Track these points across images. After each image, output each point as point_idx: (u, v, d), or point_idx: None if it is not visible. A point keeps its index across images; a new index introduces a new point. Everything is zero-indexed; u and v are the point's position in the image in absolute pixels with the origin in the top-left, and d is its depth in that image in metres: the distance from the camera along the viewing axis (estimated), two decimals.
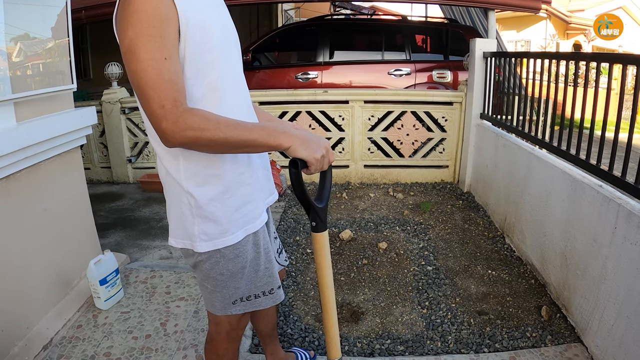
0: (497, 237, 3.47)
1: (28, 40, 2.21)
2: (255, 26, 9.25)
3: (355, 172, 4.84)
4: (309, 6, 10.58)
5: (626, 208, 1.99)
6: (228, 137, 1.09)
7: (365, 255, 3.21)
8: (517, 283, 2.83)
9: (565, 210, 2.54)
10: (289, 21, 9.96)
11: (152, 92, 1.04)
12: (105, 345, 2.23)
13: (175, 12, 1.07)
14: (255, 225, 1.35)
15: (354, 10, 11.32)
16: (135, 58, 1.04)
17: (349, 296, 2.73)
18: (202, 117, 1.07)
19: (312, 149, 1.18)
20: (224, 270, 1.32)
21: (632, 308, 1.91)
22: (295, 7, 10.94)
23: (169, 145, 1.09)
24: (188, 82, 1.14)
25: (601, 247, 2.17)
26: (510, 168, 3.43)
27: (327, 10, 10.59)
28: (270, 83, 5.47)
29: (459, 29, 5.69)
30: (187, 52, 1.12)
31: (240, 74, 1.35)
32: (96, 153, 5.16)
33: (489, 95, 4.08)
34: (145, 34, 1.03)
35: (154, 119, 1.05)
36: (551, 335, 2.33)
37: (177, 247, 1.34)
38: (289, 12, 10.66)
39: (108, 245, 3.38)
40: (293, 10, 10.95)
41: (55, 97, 2.43)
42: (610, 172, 2.24)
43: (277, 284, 1.46)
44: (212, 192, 1.25)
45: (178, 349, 2.21)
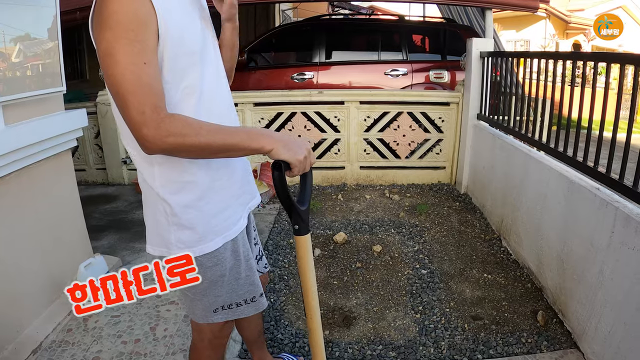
0: (494, 239, 3.42)
1: (17, 42, 2.18)
2: (252, 26, 9.20)
3: (351, 173, 4.79)
4: (306, 6, 10.52)
5: (624, 212, 1.95)
6: (210, 142, 1.07)
7: (359, 258, 3.16)
8: (513, 287, 2.78)
9: (561, 213, 2.49)
10: (285, 21, 9.91)
11: (132, 98, 1.01)
12: (95, 350, 2.21)
13: (155, 15, 1.05)
14: (234, 231, 1.33)
15: (352, 10, 11.28)
16: (114, 62, 1.01)
17: (341, 300, 2.68)
18: (183, 122, 1.05)
19: (294, 150, 1.15)
20: (203, 278, 1.28)
21: (629, 314, 1.86)
22: (293, 8, 10.89)
23: (150, 152, 1.06)
24: (166, 85, 1.11)
25: (598, 251, 2.12)
26: (507, 169, 3.38)
27: (325, 10, 10.54)
28: (265, 84, 5.42)
29: (456, 28, 5.63)
30: (165, 56, 1.10)
31: (220, 77, 1.33)
32: (91, 154, 5.12)
33: (486, 96, 4.03)
34: (123, 37, 1.00)
35: (133, 126, 1.03)
36: (547, 341, 2.28)
37: (155, 255, 1.32)
38: (287, 12, 10.61)
39: (101, 247, 3.35)
40: (291, 11, 10.90)
41: (45, 99, 2.40)
42: (607, 174, 2.19)
43: (259, 291, 1.44)
44: (187, 199, 1.23)
45: (167, 353, 2.19)
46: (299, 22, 7.34)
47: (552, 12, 15.88)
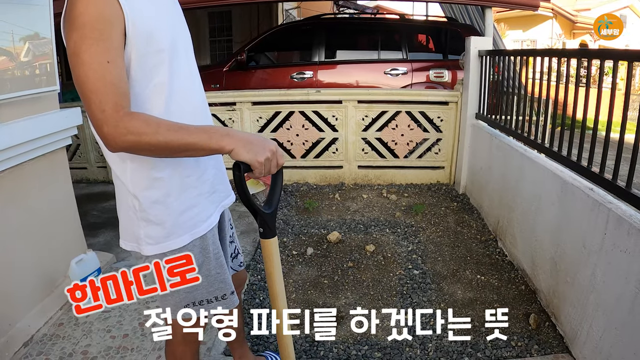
0: (490, 240, 3.37)
1: (11, 41, 2.19)
2: (255, 25, 9.18)
3: (349, 172, 4.74)
4: (310, 6, 10.46)
5: (616, 213, 1.89)
6: (168, 141, 1.07)
7: (352, 257, 3.12)
8: (506, 289, 2.73)
9: (555, 214, 2.44)
10: (289, 20, 9.88)
11: (94, 97, 1.03)
12: (84, 344, 2.26)
13: (122, 14, 1.06)
14: (203, 228, 1.32)
15: (357, 10, 11.23)
16: (79, 61, 1.03)
17: (330, 299, 2.64)
18: (142, 121, 1.06)
19: (254, 151, 1.13)
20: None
21: (620, 320, 1.81)
22: (297, 7, 10.85)
23: (112, 150, 1.08)
24: (133, 84, 1.12)
25: (590, 253, 2.07)
26: (504, 169, 3.32)
27: (329, 9, 10.48)
28: (265, 83, 5.41)
29: (457, 27, 5.58)
30: (132, 54, 1.11)
31: (193, 75, 1.32)
32: (92, 152, 5.12)
33: (484, 95, 3.98)
34: (89, 37, 1.02)
35: (95, 124, 1.04)
36: (538, 344, 2.23)
37: (127, 250, 1.34)
38: (290, 11, 10.57)
39: (97, 244, 3.37)
40: (295, 10, 10.86)
41: (39, 98, 2.44)
42: (601, 174, 2.14)
43: (230, 289, 1.44)
44: (156, 195, 1.23)
45: (153, 349, 2.22)
46: (299, 22, 7.32)
47: (559, 11, 15.80)
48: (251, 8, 9.01)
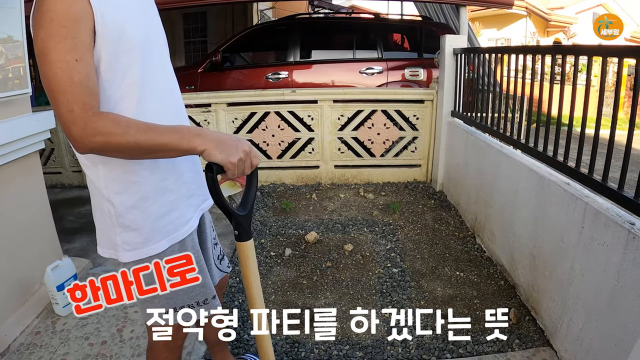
0: (468, 237, 3.38)
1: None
2: (230, 26, 9.09)
3: (326, 172, 4.71)
4: (285, 6, 10.42)
5: (593, 207, 1.91)
6: (138, 141, 1.03)
7: (330, 257, 3.08)
8: (485, 285, 2.74)
9: (532, 209, 2.46)
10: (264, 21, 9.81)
11: (62, 96, 0.99)
12: (62, 352, 2.20)
13: (91, 11, 1.02)
14: (182, 233, 1.28)
15: (332, 10, 11.23)
16: (47, 60, 0.99)
17: (309, 300, 2.61)
18: (111, 121, 1.02)
19: (227, 152, 1.10)
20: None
21: (599, 312, 1.82)
22: (271, 7, 10.79)
23: (80, 151, 1.03)
24: (105, 84, 1.08)
25: (568, 247, 2.08)
26: (480, 166, 3.34)
27: (304, 9, 10.46)
28: (240, 84, 5.34)
29: (432, 26, 5.62)
30: (103, 53, 1.06)
31: (167, 75, 1.28)
32: (67, 157, 4.97)
33: (460, 93, 4.00)
34: (56, 34, 0.98)
35: (63, 124, 1.00)
36: (519, 339, 2.23)
37: (105, 257, 1.29)
38: (265, 11, 10.51)
39: (73, 250, 3.28)
40: (269, 10, 10.80)
41: (10, 101, 2.37)
42: (577, 169, 2.16)
43: (211, 294, 1.39)
44: (132, 200, 1.19)
45: (132, 355, 2.17)
46: (273, 22, 7.27)
47: (533, 10, 16.07)
48: (226, 9, 8.92)
